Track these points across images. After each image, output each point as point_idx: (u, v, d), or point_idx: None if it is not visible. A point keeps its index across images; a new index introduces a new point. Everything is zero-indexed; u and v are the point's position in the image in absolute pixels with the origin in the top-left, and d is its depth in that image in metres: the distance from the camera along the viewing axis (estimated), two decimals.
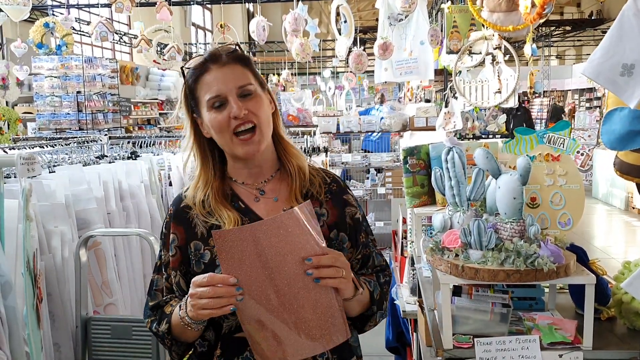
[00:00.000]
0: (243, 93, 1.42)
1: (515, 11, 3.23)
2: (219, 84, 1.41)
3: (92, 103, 9.15)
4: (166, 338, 1.44)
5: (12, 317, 1.75)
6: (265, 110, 1.45)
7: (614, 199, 10.19)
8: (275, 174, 1.53)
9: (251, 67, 1.47)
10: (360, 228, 1.56)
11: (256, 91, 1.44)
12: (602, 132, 1.73)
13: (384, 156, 7.05)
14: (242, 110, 1.39)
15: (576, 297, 1.91)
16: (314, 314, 1.30)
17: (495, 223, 1.70)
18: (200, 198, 1.47)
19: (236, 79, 1.42)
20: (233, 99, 1.40)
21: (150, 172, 3.77)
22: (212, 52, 1.45)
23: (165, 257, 1.49)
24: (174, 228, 1.48)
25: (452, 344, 1.66)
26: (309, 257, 1.27)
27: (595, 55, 1.49)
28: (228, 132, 1.41)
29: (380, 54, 5.59)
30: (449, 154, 1.81)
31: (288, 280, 1.28)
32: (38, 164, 1.92)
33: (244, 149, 1.42)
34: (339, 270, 1.30)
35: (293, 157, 1.53)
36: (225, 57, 1.43)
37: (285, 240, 1.27)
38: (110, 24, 7.32)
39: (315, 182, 1.53)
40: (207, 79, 1.42)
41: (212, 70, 1.42)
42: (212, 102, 1.41)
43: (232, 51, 1.45)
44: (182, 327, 1.38)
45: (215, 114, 1.41)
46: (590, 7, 21.63)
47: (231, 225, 1.42)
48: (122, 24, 15.09)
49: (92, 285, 2.89)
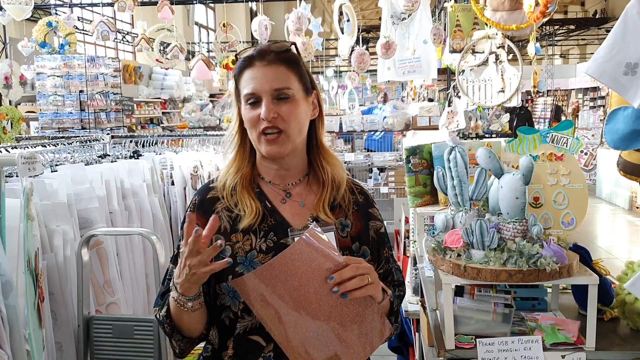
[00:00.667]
0: (279, 96, 1.40)
1: (518, 10, 3.21)
2: (256, 83, 1.40)
3: (94, 102, 9.15)
4: (165, 322, 1.42)
5: (13, 317, 1.75)
6: (297, 116, 1.43)
7: (617, 199, 10.15)
8: (303, 178, 1.52)
9: (298, 70, 1.45)
10: (383, 243, 1.55)
11: (294, 96, 1.42)
12: (605, 131, 1.72)
13: (387, 155, 7.05)
14: (272, 113, 1.38)
15: (579, 297, 1.90)
16: (354, 326, 1.29)
17: (498, 223, 1.69)
18: (230, 184, 1.47)
19: (275, 81, 1.40)
20: (266, 101, 1.39)
21: (152, 171, 3.77)
22: (261, 48, 1.43)
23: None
24: (199, 219, 1.45)
25: (454, 344, 1.66)
26: (329, 276, 1.25)
27: (598, 54, 1.48)
28: (256, 129, 1.41)
29: (383, 53, 5.58)
30: (452, 153, 1.80)
31: (319, 304, 1.27)
32: (39, 163, 1.92)
33: (266, 148, 1.42)
34: (364, 278, 1.27)
35: (330, 165, 1.52)
36: (272, 55, 1.42)
37: (303, 269, 1.26)
38: (111, 23, 7.33)
39: (343, 193, 1.52)
40: (249, 74, 1.42)
41: (255, 67, 1.41)
42: (247, 98, 1.42)
43: (282, 50, 1.44)
44: (177, 308, 1.36)
45: (249, 109, 1.42)
46: (594, 5, 21.58)
47: (252, 215, 1.42)
48: (125, 23, 15.11)
49: (94, 284, 2.89)
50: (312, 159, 1.53)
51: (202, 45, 16.66)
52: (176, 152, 4.28)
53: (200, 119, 10.55)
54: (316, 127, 1.52)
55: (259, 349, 1.40)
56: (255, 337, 1.40)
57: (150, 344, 2.60)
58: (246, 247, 1.42)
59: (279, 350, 1.38)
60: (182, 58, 8.04)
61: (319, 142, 1.53)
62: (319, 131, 1.52)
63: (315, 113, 1.50)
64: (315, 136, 1.52)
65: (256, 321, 1.39)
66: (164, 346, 2.56)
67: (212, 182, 1.53)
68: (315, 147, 1.53)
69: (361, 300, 1.29)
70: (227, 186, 1.48)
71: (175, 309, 1.38)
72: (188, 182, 3.96)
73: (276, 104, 1.40)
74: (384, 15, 5.91)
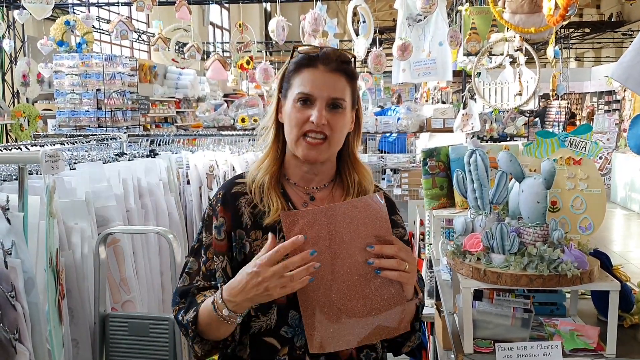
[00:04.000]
0: (333, 105, 1.41)
1: (537, 13, 3.20)
2: (316, 86, 1.40)
3: (111, 101, 9.21)
4: (190, 328, 1.38)
5: (35, 313, 1.77)
6: (342, 128, 1.44)
7: (632, 204, 10.06)
8: (328, 184, 1.53)
9: (353, 85, 1.46)
10: None
11: (345, 108, 1.43)
12: (628, 136, 1.71)
13: (401, 157, 7.03)
14: (323, 120, 1.39)
15: (599, 303, 1.89)
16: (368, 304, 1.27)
17: (518, 227, 1.68)
18: (260, 178, 1.48)
19: (334, 89, 1.41)
20: (320, 106, 1.39)
21: (168, 170, 3.79)
22: (327, 53, 1.43)
23: (207, 239, 1.47)
24: (222, 212, 1.46)
25: (472, 348, 1.65)
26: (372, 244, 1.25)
27: (624, 59, 1.47)
28: (299, 130, 1.41)
29: (399, 55, 5.57)
30: (472, 156, 1.80)
31: (349, 267, 1.26)
32: (62, 161, 1.93)
33: (304, 151, 1.42)
34: (402, 263, 1.26)
35: (359, 175, 1.52)
36: (337, 64, 1.42)
37: (356, 226, 1.25)
38: (130, 22, 7.37)
39: None
40: (309, 74, 1.41)
41: (318, 71, 1.41)
42: (300, 97, 1.41)
43: (346, 62, 1.44)
44: (218, 322, 1.33)
45: (298, 108, 1.41)
46: (610, 8, 21.40)
47: (277, 213, 1.41)
48: (141, 23, 15.20)
49: (110, 282, 2.90)
50: (341, 167, 1.53)
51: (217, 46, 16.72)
52: (192, 151, 4.29)
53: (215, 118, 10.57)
54: (350, 139, 1.53)
55: (273, 352, 1.40)
56: (270, 339, 1.40)
57: (166, 342, 2.61)
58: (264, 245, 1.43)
59: (293, 354, 1.38)
60: (199, 58, 8.08)
61: (351, 152, 1.53)
62: (352, 143, 1.53)
63: (354, 127, 1.51)
64: (349, 147, 1.53)
65: (271, 322, 1.40)
66: (179, 344, 2.57)
67: (238, 177, 1.54)
68: (347, 157, 1.53)
69: (389, 286, 1.27)
70: (258, 180, 1.48)
71: (213, 321, 1.34)
72: (204, 181, 3.98)
73: (328, 111, 1.40)
74: (399, 16, 5.90)
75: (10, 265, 1.67)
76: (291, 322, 1.40)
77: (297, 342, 1.39)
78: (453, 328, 1.89)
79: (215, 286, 1.43)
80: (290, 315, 1.39)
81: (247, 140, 4.57)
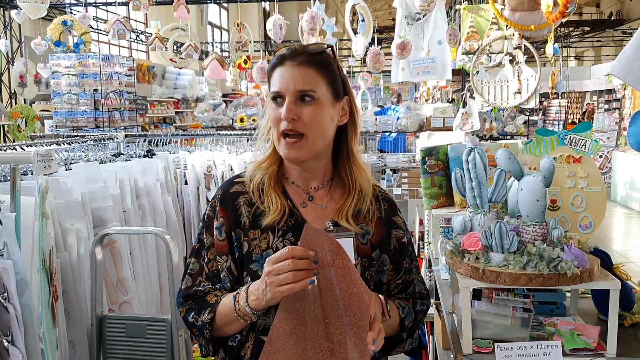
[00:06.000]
0: (303, 98, 1.39)
1: (537, 10, 3.17)
2: (282, 82, 1.39)
3: (108, 101, 9.20)
4: (206, 329, 1.42)
5: (28, 315, 1.74)
6: (320, 121, 1.40)
7: (633, 202, 10.04)
8: (326, 183, 1.51)
9: (329, 74, 1.42)
10: (405, 252, 1.54)
11: (319, 100, 1.39)
12: (628, 134, 1.69)
13: (400, 157, 7.01)
14: (292, 114, 1.37)
15: (599, 302, 1.87)
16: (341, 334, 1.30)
17: (517, 226, 1.66)
18: (258, 178, 1.47)
19: (300, 82, 1.38)
20: (288, 101, 1.38)
21: (166, 170, 3.77)
22: (295, 48, 1.42)
23: (208, 240, 1.47)
24: (222, 212, 1.46)
25: (472, 348, 1.63)
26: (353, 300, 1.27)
27: (624, 54, 1.45)
28: (277, 130, 1.41)
29: (398, 54, 5.54)
30: (470, 154, 1.78)
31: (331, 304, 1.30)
32: (55, 161, 1.91)
33: (285, 151, 1.41)
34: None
35: (358, 175, 1.50)
36: (304, 56, 1.40)
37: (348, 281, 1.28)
38: (127, 22, 7.35)
39: (368, 199, 1.51)
40: (278, 72, 1.41)
41: (285, 66, 1.41)
42: (273, 96, 1.41)
43: (316, 52, 1.42)
44: (234, 318, 1.37)
45: (274, 108, 1.41)
46: (609, 7, 21.38)
47: (277, 212, 1.42)
48: (139, 23, 15.17)
49: (107, 283, 2.88)
50: (339, 165, 1.51)
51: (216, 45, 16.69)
52: (190, 151, 4.27)
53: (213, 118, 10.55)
54: (347, 134, 1.49)
55: None
56: (266, 337, 1.39)
57: (163, 343, 2.59)
58: (263, 245, 1.42)
59: None
60: (196, 57, 8.05)
61: (349, 149, 1.50)
62: (350, 138, 1.50)
63: (344, 119, 1.47)
64: (346, 143, 1.50)
65: (269, 322, 1.39)
66: (176, 346, 2.55)
67: (237, 177, 1.53)
68: (344, 154, 1.50)
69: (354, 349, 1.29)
70: (256, 179, 1.47)
71: (229, 318, 1.39)
72: (201, 181, 3.95)
73: (299, 105, 1.38)
74: (398, 15, 5.87)
75: (2, 267, 1.65)
76: None
77: None
78: (452, 328, 1.87)
79: (221, 287, 1.45)
80: None
81: (245, 140, 4.54)
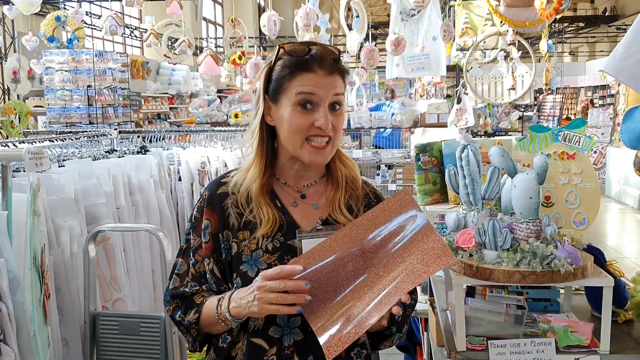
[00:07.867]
0: (334, 105, 1.40)
1: (531, 6, 3.17)
2: (318, 90, 1.37)
3: (102, 97, 9.16)
4: (192, 328, 1.43)
5: (20, 313, 1.74)
6: (342, 126, 1.45)
7: (627, 198, 10.08)
8: (319, 180, 1.51)
9: (345, 81, 1.44)
10: None
11: (342, 106, 1.43)
12: (621, 130, 1.69)
13: (395, 152, 7.03)
14: (329, 124, 1.37)
15: (593, 299, 1.87)
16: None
17: (511, 223, 1.66)
18: (245, 186, 1.45)
19: (335, 92, 1.39)
20: (324, 110, 1.37)
21: (159, 166, 3.75)
22: (319, 54, 1.38)
23: (195, 241, 1.46)
24: (208, 214, 1.45)
25: (465, 345, 1.63)
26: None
27: (617, 52, 1.45)
28: (302, 135, 1.38)
29: (393, 50, 5.54)
30: (464, 151, 1.77)
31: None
32: (46, 159, 1.90)
33: (311, 157, 1.40)
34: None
35: (346, 167, 1.52)
36: (332, 65, 1.39)
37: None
38: (119, 18, 7.31)
39: (357, 195, 1.52)
40: (308, 79, 1.37)
41: (317, 75, 1.37)
42: (301, 100, 1.37)
43: (336, 60, 1.41)
44: (216, 321, 1.38)
45: (300, 113, 1.37)
46: (604, 3, 21.42)
47: (269, 224, 1.41)
48: (134, 18, 15.10)
49: (100, 280, 2.87)
50: (330, 161, 1.50)
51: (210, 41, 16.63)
52: (183, 147, 4.25)
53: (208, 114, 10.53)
54: None
55: (261, 352, 1.39)
56: (258, 339, 1.39)
57: (157, 340, 2.59)
58: (252, 245, 1.41)
59: (281, 354, 1.37)
60: (190, 53, 8.02)
61: None
62: None
63: None
64: None
65: (259, 323, 1.39)
66: (170, 343, 2.55)
67: (223, 177, 1.51)
68: None
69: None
70: (243, 188, 1.45)
71: (211, 320, 1.39)
72: (195, 178, 3.94)
73: (331, 113, 1.39)
74: (393, 11, 5.87)
75: None
76: (279, 322, 1.38)
77: (286, 341, 1.38)
78: (446, 325, 1.87)
79: (208, 289, 1.45)
80: (279, 315, 1.37)
81: (240, 136, 4.52)
